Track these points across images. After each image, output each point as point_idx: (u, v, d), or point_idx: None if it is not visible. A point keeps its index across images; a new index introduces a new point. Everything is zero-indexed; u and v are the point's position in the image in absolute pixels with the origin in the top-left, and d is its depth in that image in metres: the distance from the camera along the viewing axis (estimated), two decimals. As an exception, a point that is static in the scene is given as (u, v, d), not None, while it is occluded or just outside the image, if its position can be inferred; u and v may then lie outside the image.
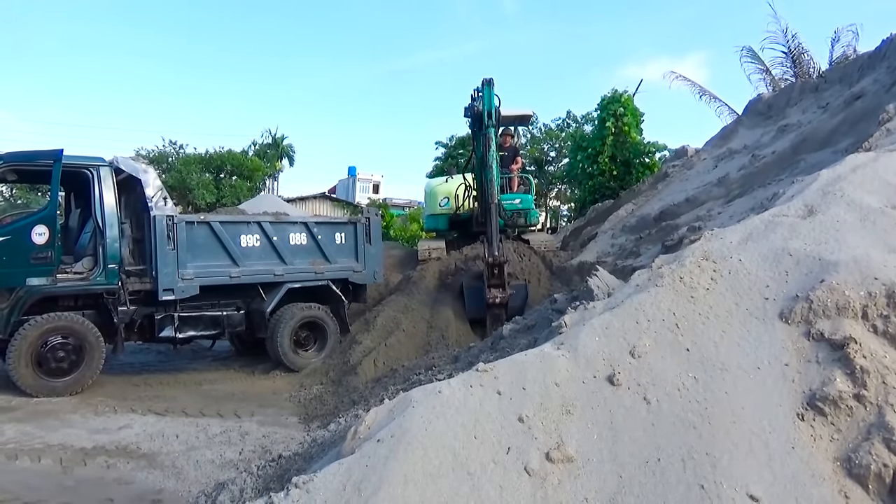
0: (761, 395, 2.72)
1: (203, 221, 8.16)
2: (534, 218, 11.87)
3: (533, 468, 2.44)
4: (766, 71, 16.25)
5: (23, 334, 6.92)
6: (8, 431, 5.81)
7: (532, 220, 11.70)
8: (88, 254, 7.63)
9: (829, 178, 4.08)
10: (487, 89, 9.21)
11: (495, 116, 9.22)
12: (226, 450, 5.53)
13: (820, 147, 8.06)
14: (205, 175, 25.91)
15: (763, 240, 3.52)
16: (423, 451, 2.44)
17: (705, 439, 2.55)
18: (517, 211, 11.41)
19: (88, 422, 6.25)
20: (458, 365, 5.68)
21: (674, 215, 9.48)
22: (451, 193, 12.02)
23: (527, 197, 11.67)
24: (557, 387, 2.76)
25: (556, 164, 25.45)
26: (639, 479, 2.45)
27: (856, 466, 2.48)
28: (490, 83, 9.21)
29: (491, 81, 9.24)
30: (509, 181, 11.93)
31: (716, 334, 3.00)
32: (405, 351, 8.27)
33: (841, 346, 2.80)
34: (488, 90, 9.20)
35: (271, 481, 3.35)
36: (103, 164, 7.71)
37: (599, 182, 16.67)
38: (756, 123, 11.74)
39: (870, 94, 8.41)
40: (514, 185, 11.89)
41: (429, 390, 2.78)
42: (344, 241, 9.19)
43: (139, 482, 4.84)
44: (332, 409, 6.61)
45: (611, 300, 3.46)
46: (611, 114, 16.31)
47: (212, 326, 8.34)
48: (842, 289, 3.00)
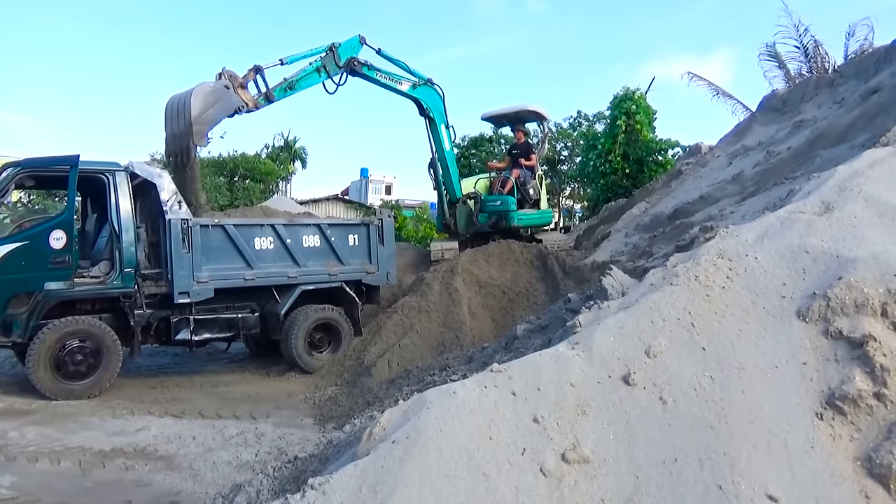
0: (779, 395, 2.69)
1: (217, 225, 8.21)
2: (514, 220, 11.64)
3: (549, 469, 2.43)
4: (782, 66, 16.07)
5: (41, 338, 7.00)
6: (28, 434, 5.89)
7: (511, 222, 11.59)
8: (105, 258, 7.71)
9: (845, 174, 4.03)
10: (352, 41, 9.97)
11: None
12: (242, 451, 5.57)
13: (836, 142, 7.96)
14: (218, 178, 26.02)
15: (779, 237, 3.48)
16: (439, 452, 2.44)
17: (723, 439, 2.53)
18: (497, 213, 11.47)
19: (106, 424, 6.31)
20: (473, 365, 5.68)
21: (688, 213, 9.41)
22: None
23: (507, 199, 11.61)
24: (572, 387, 2.74)
25: (569, 163, 25.33)
26: (655, 479, 2.43)
27: (876, 466, 2.44)
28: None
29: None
30: (504, 181, 11.95)
31: (732, 333, 2.97)
32: (419, 352, 8.28)
33: (860, 344, 2.77)
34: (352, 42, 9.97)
35: (287, 482, 3.36)
36: (119, 169, 7.79)
37: (612, 181, 16.57)
38: (771, 119, 11.62)
39: (886, 88, 8.28)
40: (507, 185, 11.85)
41: (443, 391, 2.78)
42: (357, 243, 9.22)
43: (157, 484, 4.88)
44: (347, 411, 6.63)
45: (625, 299, 3.44)
46: (623, 112, 16.21)
47: (227, 329, 8.39)
48: (860, 286, 2.96)
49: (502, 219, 11.56)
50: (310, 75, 9.61)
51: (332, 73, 9.79)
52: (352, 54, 9.92)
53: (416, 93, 10.80)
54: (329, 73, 9.75)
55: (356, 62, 9.98)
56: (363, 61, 10.09)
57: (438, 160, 11.46)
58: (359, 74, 10.13)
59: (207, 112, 8.53)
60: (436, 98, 11.02)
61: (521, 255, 10.57)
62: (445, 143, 11.28)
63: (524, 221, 11.85)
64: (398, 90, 10.67)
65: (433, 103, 10.99)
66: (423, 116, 11.13)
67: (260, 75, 9.23)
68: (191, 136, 8.39)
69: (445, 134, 11.26)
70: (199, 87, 8.57)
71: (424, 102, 10.91)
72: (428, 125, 11.18)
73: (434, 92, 10.99)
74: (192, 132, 8.38)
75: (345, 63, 9.81)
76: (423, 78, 10.84)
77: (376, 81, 10.41)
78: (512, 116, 13.36)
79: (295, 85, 9.53)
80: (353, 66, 9.96)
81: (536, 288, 9.97)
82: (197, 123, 8.39)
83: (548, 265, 10.35)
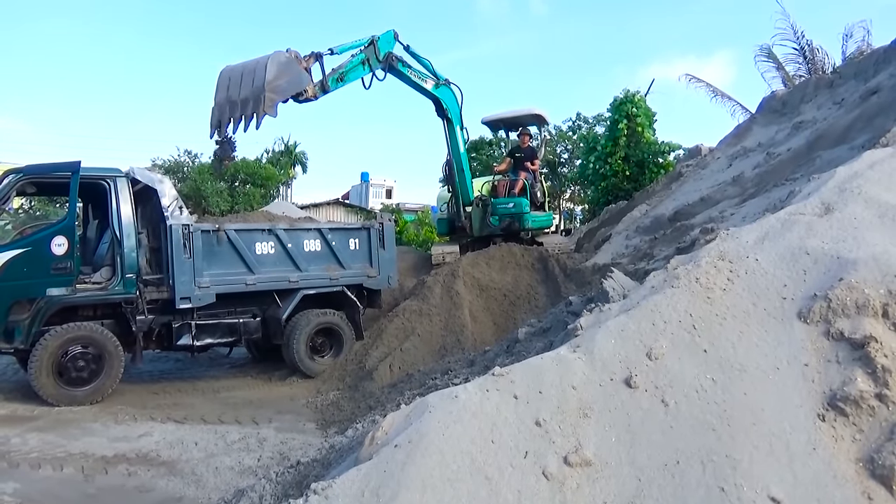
0: (781, 396, 2.69)
1: (218, 230, 8.23)
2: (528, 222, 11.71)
3: (551, 472, 2.43)
4: (780, 68, 16.10)
5: (44, 344, 7.00)
6: (31, 440, 5.89)
7: (525, 224, 11.63)
8: (106, 264, 7.72)
9: (845, 175, 4.03)
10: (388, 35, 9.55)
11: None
12: (244, 456, 5.57)
13: (836, 143, 7.96)
14: (219, 183, 26.06)
15: (780, 239, 3.48)
16: (441, 456, 2.44)
17: (725, 441, 2.53)
18: (511, 215, 11.48)
19: (109, 430, 6.31)
20: (474, 369, 5.67)
21: (688, 215, 9.41)
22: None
23: (521, 201, 11.63)
24: (574, 390, 2.75)
25: (569, 165, 25.35)
26: (658, 481, 2.43)
27: (879, 467, 2.44)
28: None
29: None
30: (512, 184, 11.97)
31: (733, 335, 2.97)
32: (421, 355, 8.28)
33: (861, 346, 2.77)
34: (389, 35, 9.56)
35: (290, 488, 3.37)
36: (120, 175, 7.80)
37: (613, 183, 16.57)
38: (770, 121, 11.62)
39: (886, 88, 8.29)
40: (517, 187, 11.87)
41: (445, 395, 2.78)
42: (358, 247, 9.22)
43: (160, 490, 4.89)
44: (349, 415, 6.63)
45: (626, 302, 3.44)
46: (623, 115, 16.22)
47: (228, 334, 8.40)
48: (861, 287, 2.96)
49: (516, 221, 11.56)
50: (356, 68, 9.30)
51: (374, 67, 9.50)
52: (389, 49, 9.65)
53: (438, 92, 10.64)
54: (371, 66, 9.46)
55: (393, 57, 9.71)
56: (398, 57, 9.86)
57: (454, 161, 11.35)
58: (394, 70, 9.85)
59: (280, 82, 8.11)
60: (454, 99, 10.93)
61: (522, 257, 10.57)
62: (460, 145, 11.25)
63: (536, 223, 11.91)
64: (423, 88, 10.45)
65: (451, 104, 10.89)
66: (441, 117, 11.00)
67: (319, 62, 8.88)
68: (261, 103, 7.87)
69: (460, 135, 11.21)
70: (275, 55, 8.18)
71: (444, 102, 10.76)
72: (446, 126, 11.07)
73: (452, 92, 10.89)
74: (264, 98, 7.88)
75: (384, 58, 9.54)
76: (443, 77, 10.69)
77: (407, 79, 10.15)
78: (513, 120, 13.39)
79: (345, 76, 9.25)
80: (391, 61, 9.68)
81: (537, 291, 9.97)
82: (270, 90, 7.92)
83: (549, 268, 10.34)
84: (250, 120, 8.07)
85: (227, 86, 8.28)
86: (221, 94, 8.29)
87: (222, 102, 8.33)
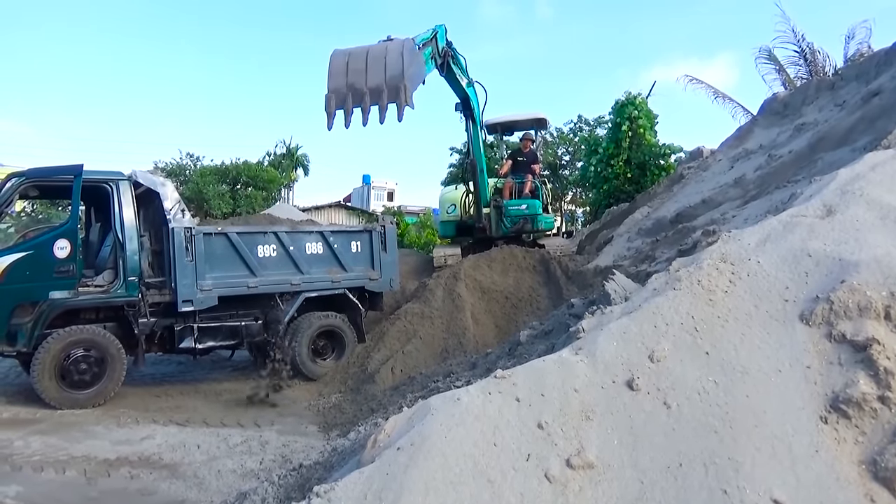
0: (783, 399, 2.69)
1: (220, 233, 8.24)
2: (540, 224, 11.83)
3: (553, 475, 2.43)
4: (781, 70, 16.11)
5: (46, 347, 7.02)
6: (33, 443, 5.90)
7: (538, 226, 11.71)
8: (109, 267, 7.73)
9: (847, 177, 4.02)
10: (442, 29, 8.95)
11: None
12: (246, 459, 5.57)
13: (837, 145, 7.96)
14: (221, 186, 26.11)
15: (781, 241, 3.48)
16: (443, 458, 2.44)
17: (727, 443, 2.53)
18: (524, 217, 11.51)
19: (111, 433, 6.32)
20: (476, 371, 5.68)
21: (690, 217, 9.40)
22: (457, 200, 12.45)
23: (534, 202, 11.68)
24: (576, 392, 2.75)
25: (571, 168, 25.38)
26: (660, 484, 2.43)
27: (882, 469, 2.44)
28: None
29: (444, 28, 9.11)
30: (521, 186, 12.00)
31: (735, 337, 2.97)
32: (422, 358, 8.28)
33: (863, 348, 2.76)
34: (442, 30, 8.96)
35: (292, 490, 3.37)
36: (122, 178, 7.83)
37: (614, 185, 16.60)
38: (772, 123, 11.62)
39: (888, 90, 8.28)
40: (525, 190, 11.92)
41: (447, 398, 2.78)
42: (360, 250, 9.23)
43: (162, 493, 4.89)
44: (351, 418, 6.63)
45: (628, 304, 3.44)
46: (625, 117, 16.24)
47: (231, 336, 8.41)
48: (863, 289, 2.96)
49: (528, 222, 11.60)
50: (427, 62, 8.62)
51: (437, 62, 9.02)
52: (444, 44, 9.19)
53: (470, 90, 10.52)
54: (435, 62, 8.94)
55: (449, 53, 9.35)
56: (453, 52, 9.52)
57: (476, 160, 11.27)
58: (446, 67, 9.40)
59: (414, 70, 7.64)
60: (478, 98, 10.89)
61: (524, 260, 10.57)
62: (481, 145, 11.28)
63: (546, 225, 11.98)
64: (460, 86, 10.19)
65: (477, 103, 10.88)
66: (467, 116, 10.94)
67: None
68: (402, 93, 7.28)
69: (479, 135, 11.23)
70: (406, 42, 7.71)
71: (473, 102, 10.70)
72: (469, 125, 11.04)
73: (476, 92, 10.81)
74: (405, 88, 7.29)
75: (442, 53, 9.06)
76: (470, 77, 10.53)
77: (453, 77, 9.78)
78: (514, 124, 13.42)
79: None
80: (447, 56, 9.25)
81: (539, 293, 9.97)
82: (408, 80, 7.37)
83: (550, 270, 10.35)
84: (385, 111, 7.40)
85: (345, 72, 7.57)
86: (339, 81, 7.55)
87: (341, 90, 7.55)
